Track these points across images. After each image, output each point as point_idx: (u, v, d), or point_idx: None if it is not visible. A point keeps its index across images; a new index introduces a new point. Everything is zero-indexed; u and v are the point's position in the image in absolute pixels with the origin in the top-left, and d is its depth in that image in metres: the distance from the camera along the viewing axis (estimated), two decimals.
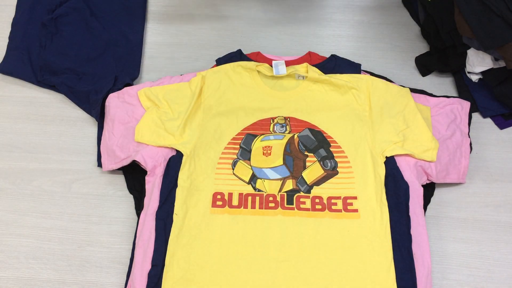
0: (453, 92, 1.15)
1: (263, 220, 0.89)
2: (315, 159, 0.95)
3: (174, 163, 0.94)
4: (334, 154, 0.95)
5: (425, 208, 0.96)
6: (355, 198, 0.90)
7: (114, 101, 1.05)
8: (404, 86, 1.06)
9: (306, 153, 0.96)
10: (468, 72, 1.12)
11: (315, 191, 0.92)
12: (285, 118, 1.00)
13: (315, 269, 0.84)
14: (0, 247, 0.97)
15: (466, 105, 1.05)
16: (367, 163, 0.93)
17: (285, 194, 0.91)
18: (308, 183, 0.92)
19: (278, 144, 0.96)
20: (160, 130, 0.98)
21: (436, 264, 0.94)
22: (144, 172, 0.97)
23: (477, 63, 1.08)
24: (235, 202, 0.91)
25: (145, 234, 0.89)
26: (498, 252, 0.95)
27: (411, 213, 0.90)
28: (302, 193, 0.91)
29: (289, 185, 0.92)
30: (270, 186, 0.92)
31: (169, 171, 0.94)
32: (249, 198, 0.91)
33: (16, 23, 1.27)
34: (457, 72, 1.15)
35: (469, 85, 1.13)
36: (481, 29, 0.98)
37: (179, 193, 0.92)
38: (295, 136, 0.97)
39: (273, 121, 0.99)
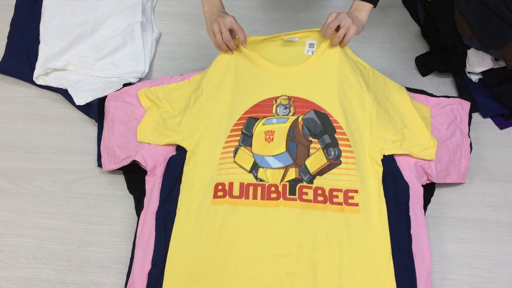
0: (453, 92, 1.15)
1: (265, 212, 0.86)
2: (319, 146, 0.92)
3: (174, 163, 0.94)
4: (339, 142, 0.92)
5: (425, 208, 0.96)
6: (356, 191, 0.89)
7: (114, 102, 1.05)
8: (404, 86, 1.06)
9: (310, 138, 0.92)
10: (468, 72, 1.12)
11: (318, 181, 0.89)
12: (289, 98, 0.95)
13: (315, 264, 0.83)
14: (0, 247, 0.97)
15: (466, 105, 1.05)
16: (367, 156, 0.92)
17: (288, 184, 0.89)
18: (311, 172, 0.90)
19: (281, 129, 0.93)
20: (162, 129, 0.97)
21: (436, 264, 0.94)
22: (144, 172, 0.97)
23: (477, 63, 1.08)
24: (236, 192, 0.88)
25: (145, 234, 0.89)
26: (498, 252, 0.95)
27: (411, 213, 0.90)
28: (305, 183, 0.89)
29: (292, 174, 0.89)
30: (272, 176, 0.89)
31: (169, 171, 0.94)
32: (251, 188, 0.88)
33: (15, 23, 1.27)
34: (457, 72, 1.15)
35: (469, 85, 1.13)
36: (481, 29, 0.98)
37: (183, 187, 0.91)
38: (300, 119, 0.93)
39: (275, 102, 0.94)
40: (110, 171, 1.03)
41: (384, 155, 0.94)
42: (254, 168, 0.90)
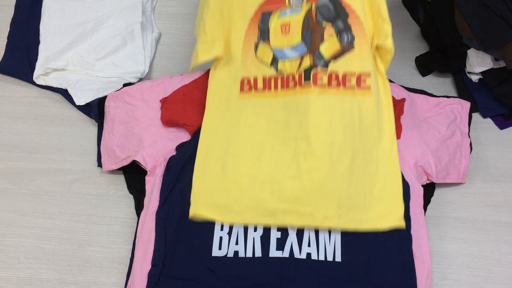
0: (453, 92, 1.15)
1: (285, 101, 0.91)
2: (332, 31, 0.93)
3: (174, 163, 0.94)
4: (352, 26, 0.93)
5: (425, 208, 0.96)
6: (368, 75, 0.91)
7: (114, 102, 1.05)
8: (403, 86, 1.06)
9: (324, 24, 0.94)
10: (468, 72, 1.12)
11: (332, 66, 0.91)
12: None
13: (331, 144, 0.87)
14: (0, 247, 0.97)
15: (466, 105, 1.05)
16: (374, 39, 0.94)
17: (303, 71, 0.92)
18: (325, 58, 0.92)
19: (296, 20, 0.95)
20: (203, 46, 0.98)
21: (436, 264, 0.94)
22: (144, 172, 0.97)
23: (477, 63, 1.08)
24: (260, 85, 0.93)
25: (145, 234, 0.89)
26: (498, 252, 0.95)
27: (411, 213, 0.90)
28: (319, 68, 0.91)
29: (307, 61, 0.92)
30: (290, 66, 0.93)
31: (169, 171, 0.94)
32: (272, 80, 0.93)
33: (15, 23, 1.27)
34: (457, 72, 1.15)
35: (469, 85, 1.13)
36: (481, 29, 0.98)
37: (210, 82, 0.97)
38: (313, 7, 0.95)
39: None
40: (110, 171, 1.03)
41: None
42: (274, 61, 0.94)
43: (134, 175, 1.02)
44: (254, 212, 0.87)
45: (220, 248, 0.87)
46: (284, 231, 0.88)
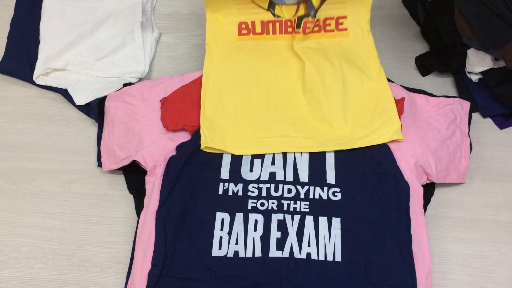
0: (453, 92, 1.15)
1: (283, 44, 1.02)
2: None
3: (174, 163, 0.94)
4: None
5: (425, 208, 0.96)
6: (345, 17, 1.02)
7: (114, 102, 1.05)
8: (403, 86, 1.06)
9: None
10: (468, 72, 1.12)
11: (319, 14, 1.01)
12: None
13: (322, 78, 0.98)
14: (0, 247, 0.97)
15: (466, 105, 1.05)
16: None
17: (297, 18, 1.00)
18: (315, 7, 1.00)
19: None
20: None
21: (436, 264, 0.94)
22: (144, 172, 0.97)
23: (477, 63, 1.08)
24: (258, 29, 1.03)
25: (145, 234, 0.89)
26: (498, 252, 0.95)
27: (411, 213, 0.90)
28: (310, 19, 1.00)
29: (302, 9, 1.01)
30: (287, 11, 1.01)
31: (169, 171, 0.94)
32: (270, 24, 1.02)
33: (15, 23, 1.27)
34: (457, 72, 1.15)
35: (469, 85, 1.13)
36: (481, 29, 0.98)
37: (208, 25, 1.04)
38: None
39: None
40: (110, 171, 1.03)
41: None
42: (271, 6, 1.02)
43: (134, 175, 1.02)
44: (264, 144, 0.95)
45: (220, 248, 0.87)
46: (284, 231, 0.88)
